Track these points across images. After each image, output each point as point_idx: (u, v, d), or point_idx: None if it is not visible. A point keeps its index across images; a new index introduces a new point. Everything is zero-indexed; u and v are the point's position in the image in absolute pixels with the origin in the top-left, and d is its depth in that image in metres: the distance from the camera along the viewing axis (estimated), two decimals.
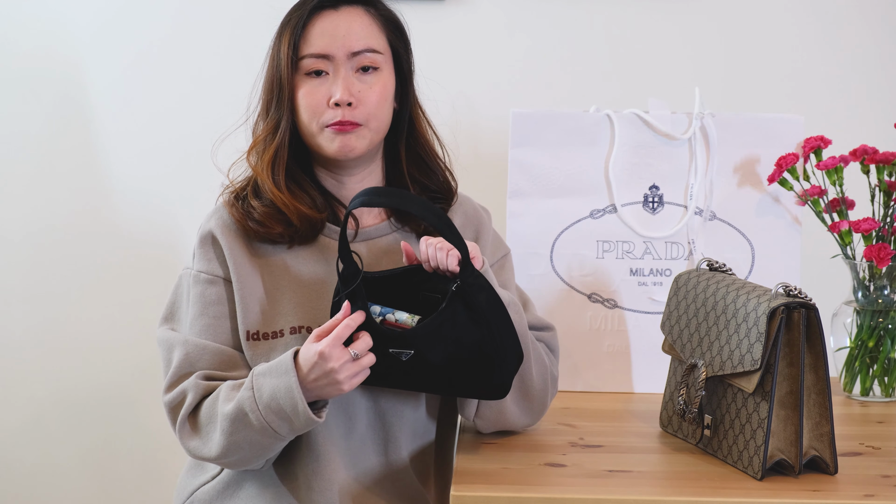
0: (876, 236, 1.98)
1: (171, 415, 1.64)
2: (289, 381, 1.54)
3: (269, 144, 1.68)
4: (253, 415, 1.56)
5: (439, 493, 1.78)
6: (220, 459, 1.61)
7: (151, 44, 2.50)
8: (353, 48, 1.66)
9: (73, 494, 2.60)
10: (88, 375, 2.57)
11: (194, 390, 1.62)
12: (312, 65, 1.66)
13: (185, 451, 1.65)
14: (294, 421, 1.56)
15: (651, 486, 1.55)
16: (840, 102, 2.47)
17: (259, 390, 1.56)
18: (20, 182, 2.54)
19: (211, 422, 1.60)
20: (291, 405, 1.54)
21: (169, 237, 2.54)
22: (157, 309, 2.53)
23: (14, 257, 2.55)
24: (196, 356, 1.65)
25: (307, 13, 1.67)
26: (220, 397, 1.60)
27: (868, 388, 1.98)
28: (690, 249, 2.07)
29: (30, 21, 2.51)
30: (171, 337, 1.69)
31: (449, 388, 1.63)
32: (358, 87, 1.66)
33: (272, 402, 1.55)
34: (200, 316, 1.68)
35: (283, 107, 1.67)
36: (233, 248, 1.69)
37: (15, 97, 2.52)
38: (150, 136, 2.52)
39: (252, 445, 1.58)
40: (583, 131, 2.05)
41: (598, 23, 2.46)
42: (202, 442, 1.61)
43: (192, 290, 1.70)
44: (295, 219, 1.67)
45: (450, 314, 1.56)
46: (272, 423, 1.56)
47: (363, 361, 1.56)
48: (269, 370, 1.57)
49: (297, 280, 1.70)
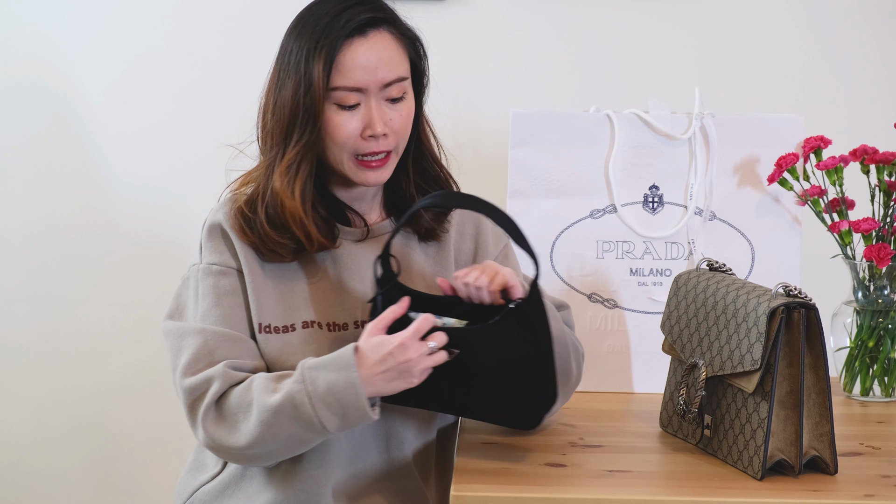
0: (876, 236, 1.98)
1: (190, 400, 1.61)
2: (350, 375, 1.53)
3: (300, 170, 1.64)
4: (304, 408, 1.54)
5: (440, 493, 1.78)
6: (245, 450, 1.58)
7: (149, 45, 2.50)
8: (385, 80, 1.64)
9: (74, 495, 2.60)
10: (89, 376, 2.57)
11: (222, 378, 1.59)
12: (346, 98, 1.63)
13: (202, 437, 1.61)
14: (349, 416, 1.55)
15: (651, 486, 1.55)
16: (840, 102, 2.47)
17: (313, 383, 1.54)
18: (20, 183, 2.54)
19: (242, 411, 1.58)
20: (352, 400, 1.53)
21: (169, 238, 2.55)
22: (158, 309, 2.53)
23: (14, 258, 2.55)
24: (215, 344, 1.63)
25: (339, 41, 1.62)
26: (257, 387, 1.58)
27: (868, 388, 1.98)
28: (690, 249, 2.07)
29: (28, 23, 2.51)
30: (184, 326, 1.66)
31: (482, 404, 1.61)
32: (389, 116, 1.66)
33: (328, 395, 1.54)
34: (215, 306, 1.66)
35: (314, 132, 1.63)
36: (237, 238, 1.68)
37: (14, 98, 2.52)
38: (151, 136, 2.52)
39: (289, 438, 1.57)
40: (583, 131, 2.05)
41: (598, 23, 2.46)
42: (228, 431, 1.59)
43: (204, 283, 1.68)
44: (307, 244, 1.66)
45: (504, 325, 1.56)
46: (323, 417, 1.54)
47: (437, 356, 1.55)
48: (325, 364, 1.56)
49: (306, 275, 1.70)
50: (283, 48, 1.68)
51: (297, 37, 1.65)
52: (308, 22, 1.65)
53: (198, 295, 1.68)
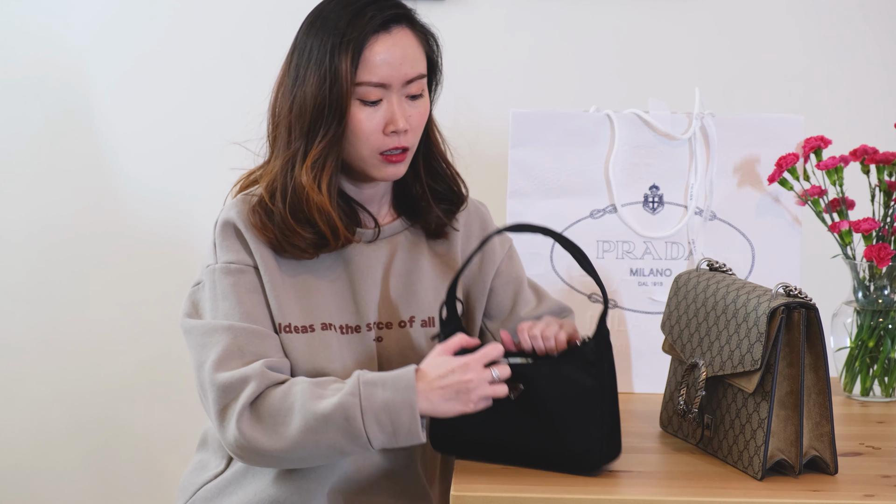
0: (876, 236, 1.98)
1: (223, 398, 1.57)
2: (409, 397, 1.53)
3: (326, 165, 1.64)
4: (354, 421, 1.53)
5: (442, 493, 1.79)
6: (281, 454, 1.56)
7: (154, 43, 2.50)
8: (408, 76, 1.65)
9: (74, 495, 2.60)
10: (89, 376, 2.57)
11: (259, 378, 1.57)
12: (370, 94, 1.63)
13: (233, 438, 1.56)
14: (398, 436, 1.54)
15: (651, 486, 1.55)
16: (840, 102, 2.47)
17: (369, 399, 1.53)
18: (21, 182, 2.54)
19: (283, 414, 1.55)
20: (405, 422, 1.53)
21: (170, 237, 2.55)
22: (158, 309, 2.55)
23: (15, 258, 2.55)
24: (244, 340, 1.60)
25: (366, 37, 1.63)
26: (301, 392, 1.55)
27: (868, 388, 1.98)
28: (690, 249, 2.07)
29: (33, 22, 2.51)
30: (208, 322, 1.63)
31: (541, 445, 1.57)
32: (409, 113, 1.66)
33: (381, 413, 1.53)
34: (238, 304, 1.63)
35: (340, 127, 1.63)
36: (252, 238, 1.66)
37: (16, 98, 2.52)
38: (152, 136, 2.52)
39: (329, 448, 1.55)
40: (583, 131, 2.05)
41: (598, 23, 2.46)
42: (266, 433, 1.55)
43: (222, 283, 1.65)
44: (332, 239, 1.66)
45: (569, 360, 1.56)
46: (371, 433, 1.53)
47: (497, 389, 1.54)
48: (384, 381, 1.55)
49: (320, 276, 1.69)
50: (299, 44, 1.67)
51: (318, 33, 1.64)
52: (329, 18, 1.64)
53: (216, 296, 1.65)
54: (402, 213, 1.77)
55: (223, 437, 1.58)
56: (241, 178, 1.75)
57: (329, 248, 1.67)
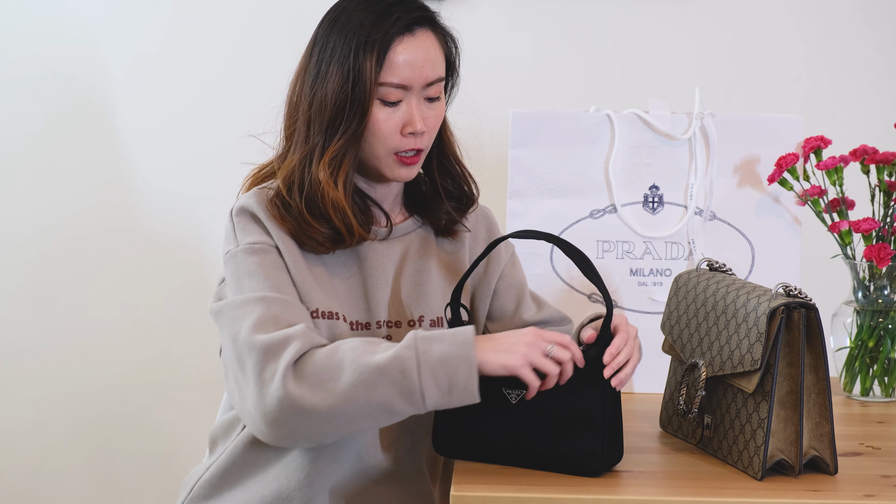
0: (876, 236, 1.98)
1: (263, 358, 1.52)
2: (468, 352, 1.51)
3: (343, 162, 1.65)
4: (410, 374, 1.50)
5: (443, 493, 1.79)
6: (330, 410, 1.50)
7: (157, 42, 2.51)
8: (428, 79, 1.66)
9: (75, 495, 2.61)
10: (90, 375, 2.58)
11: (303, 338, 1.54)
12: (390, 94, 1.64)
13: (276, 396, 1.50)
14: (453, 393, 1.51)
15: (651, 486, 1.55)
16: (840, 102, 2.47)
17: (426, 353, 1.51)
18: (22, 183, 2.54)
19: (330, 371, 1.51)
20: (462, 377, 1.50)
21: (171, 237, 2.55)
22: (159, 309, 2.55)
23: (16, 258, 2.55)
24: (278, 309, 1.58)
25: (392, 37, 1.63)
26: (350, 349, 1.52)
27: (868, 388, 1.98)
28: (690, 249, 2.07)
29: (33, 23, 2.51)
30: (237, 298, 1.60)
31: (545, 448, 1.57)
32: (426, 115, 1.67)
33: (438, 367, 1.50)
34: (267, 279, 1.61)
35: (361, 125, 1.64)
36: (272, 225, 1.66)
37: (17, 98, 2.53)
38: (155, 136, 2.53)
39: (380, 406, 1.51)
40: (583, 131, 2.05)
41: (599, 23, 2.46)
42: (312, 390, 1.51)
43: (246, 263, 1.63)
44: (346, 236, 1.66)
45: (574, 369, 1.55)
46: (427, 388, 1.50)
47: (547, 363, 1.52)
48: (441, 336, 1.52)
49: (333, 272, 1.69)
50: (320, 40, 1.68)
51: (341, 30, 1.65)
52: (353, 16, 1.65)
53: (241, 276, 1.62)
54: (414, 212, 1.78)
55: (262, 402, 1.52)
56: (252, 173, 1.76)
57: (345, 244, 1.67)
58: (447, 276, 1.77)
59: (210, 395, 2.42)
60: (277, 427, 1.53)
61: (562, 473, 1.55)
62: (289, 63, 1.75)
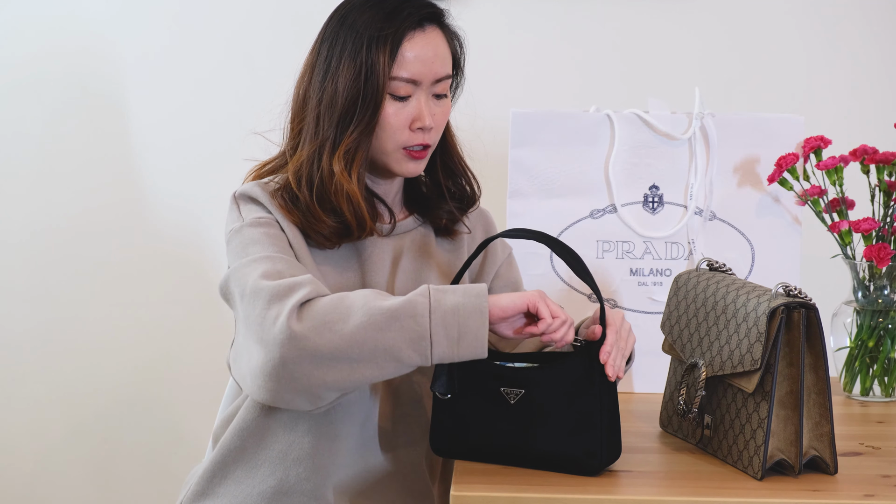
0: (876, 236, 1.98)
1: (269, 300, 1.51)
2: (480, 303, 1.52)
3: (356, 155, 1.66)
4: (421, 319, 1.50)
5: (442, 493, 1.79)
6: (333, 352, 1.50)
7: (157, 43, 2.51)
8: (437, 75, 1.67)
9: (74, 495, 2.61)
10: (89, 376, 2.58)
11: (311, 285, 1.53)
12: (400, 89, 1.65)
13: (278, 333, 1.49)
14: (462, 344, 1.51)
15: (651, 486, 1.55)
16: (840, 102, 2.47)
17: (438, 301, 1.51)
18: (22, 183, 2.54)
19: (340, 312, 1.50)
20: (473, 327, 1.51)
21: (172, 238, 2.55)
22: (159, 310, 2.55)
23: (15, 258, 2.55)
24: (284, 267, 1.58)
25: (404, 32, 1.65)
26: (360, 296, 1.52)
27: (868, 388, 1.98)
28: (690, 249, 2.07)
29: (33, 23, 2.51)
30: (242, 262, 1.59)
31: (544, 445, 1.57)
32: (434, 111, 1.69)
33: (449, 315, 1.51)
34: (273, 245, 1.62)
35: (373, 119, 1.65)
36: (275, 211, 1.66)
37: (18, 99, 2.53)
38: (156, 137, 2.53)
39: (386, 351, 1.50)
40: (583, 131, 2.05)
41: (599, 23, 2.46)
42: (317, 330, 1.49)
43: (251, 233, 1.63)
44: (356, 228, 1.67)
45: (571, 367, 1.55)
46: (436, 336, 1.50)
47: (554, 306, 1.56)
48: (454, 289, 1.54)
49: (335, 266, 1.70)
50: (329, 36, 1.69)
51: (352, 25, 1.66)
52: (363, 12, 1.66)
53: (245, 245, 1.63)
54: (414, 211, 1.79)
55: (264, 340, 1.51)
56: (254, 168, 1.76)
57: (352, 237, 1.68)
58: (445, 275, 1.78)
59: (210, 394, 2.42)
60: (277, 376, 1.51)
61: (561, 473, 1.55)
62: (292, 61, 1.75)
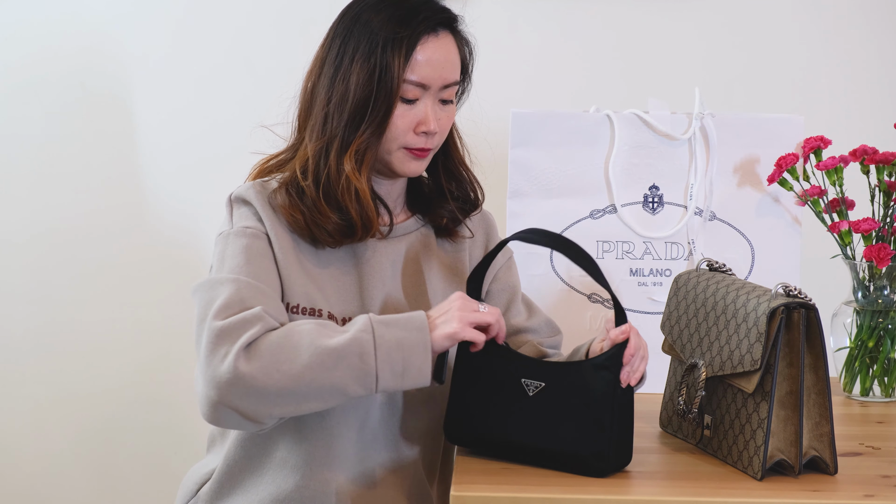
0: (876, 236, 1.98)
1: (219, 340, 1.53)
2: (423, 338, 1.55)
3: (366, 155, 1.66)
4: (367, 357, 1.52)
5: (441, 493, 1.79)
6: (280, 391, 1.51)
7: (157, 45, 2.50)
8: (446, 81, 1.68)
9: (74, 496, 2.61)
10: (89, 376, 2.57)
11: (261, 322, 1.54)
12: (411, 91, 1.66)
13: (224, 374, 1.51)
14: (406, 376, 1.54)
15: (651, 486, 1.55)
16: (840, 102, 2.47)
17: (381, 337, 1.54)
18: (21, 184, 2.54)
19: (285, 353, 1.51)
20: (417, 362, 1.54)
21: (172, 240, 2.55)
22: (159, 310, 2.55)
23: (16, 259, 2.55)
24: (248, 293, 1.58)
25: (419, 36, 1.65)
26: (306, 331, 1.53)
27: (868, 388, 1.99)
28: (690, 249, 2.07)
29: (33, 23, 2.51)
30: (213, 277, 1.61)
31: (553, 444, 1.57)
32: (439, 116, 1.69)
33: (393, 352, 1.53)
34: (248, 263, 1.62)
35: (385, 119, 1.66)
36: (266, 215, 1.67)
37: (18, 99, 2.52)
38: (155, 139, 2.52)
39: (333, 388, 1.52)
40: (583, 131, 2.05)
41: (599, 23, 2.46)
42: (264, 370, 1.51)
43: (234, 244, 1.64)
44: (360, 228, 1.67)
45: (595, 366, 1.55)
46: (382, 372, 1.53)
47: (484, 316, 1.58)
48: (395, 322, 1.56)
49: (329, 267, 1.70)
50: (340, 36, 1.68)
51: (365, 25, 1.66)
52: (379, 11, 1.66)
53: (225, 256, 1.64)
54: (416, 212, 1.79)
55: (208, 376, 1.53)
56: (260, 162, 1.76)
57: (355, 237, 1.68)
58: (447, 276, 1.78)
59: None
60: (220, 406, 1.53)
61: (567, 473, 1.56)
62: (295, 63, 1.75)
